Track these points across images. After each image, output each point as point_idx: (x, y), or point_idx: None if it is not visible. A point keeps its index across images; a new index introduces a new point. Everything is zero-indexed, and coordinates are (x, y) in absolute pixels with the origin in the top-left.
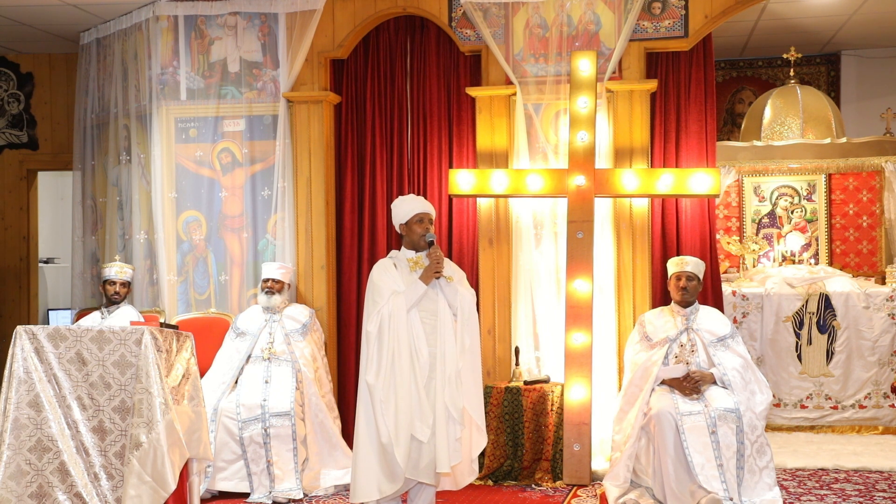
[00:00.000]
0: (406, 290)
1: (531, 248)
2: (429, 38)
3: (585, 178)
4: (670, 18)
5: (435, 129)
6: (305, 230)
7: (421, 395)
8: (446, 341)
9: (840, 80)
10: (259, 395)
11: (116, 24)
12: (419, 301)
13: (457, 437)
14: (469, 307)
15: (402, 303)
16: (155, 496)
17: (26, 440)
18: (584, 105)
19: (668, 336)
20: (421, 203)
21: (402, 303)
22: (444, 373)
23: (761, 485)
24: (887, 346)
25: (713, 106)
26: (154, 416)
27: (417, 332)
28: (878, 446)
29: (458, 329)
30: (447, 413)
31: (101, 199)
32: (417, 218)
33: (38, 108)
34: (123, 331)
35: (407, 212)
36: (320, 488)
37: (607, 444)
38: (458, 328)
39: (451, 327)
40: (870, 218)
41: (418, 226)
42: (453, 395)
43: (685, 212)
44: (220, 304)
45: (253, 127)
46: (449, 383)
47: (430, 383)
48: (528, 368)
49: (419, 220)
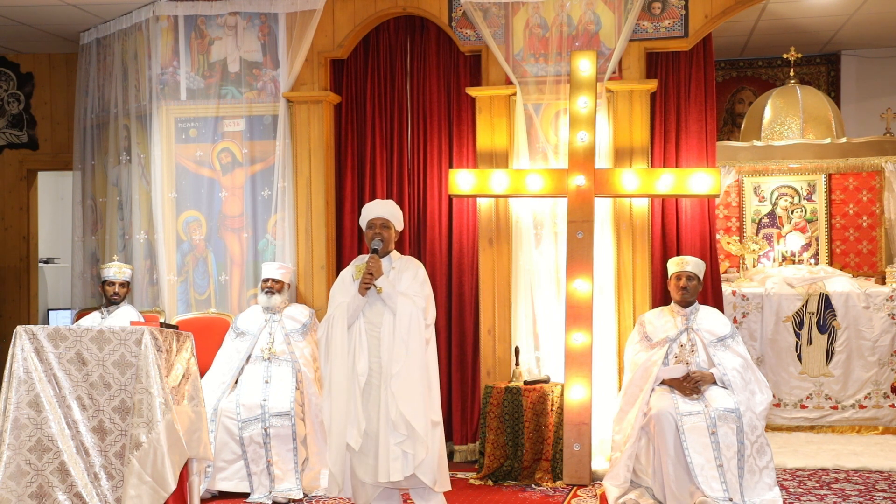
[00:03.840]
0: (349, 300)
1: (531, 248)
2: (429, 38)
3: (585, 178)
4: (670, 18)
5: (435, 129)
6: (305, 230)
7: (357, 402)
8: (386, 354)
9: (840, 80)
10: (259, 395)
11: (116, 24)
12: (358, 311)
13: (394, 444)
14: (406, 316)
15: (344, 311)
16: (155, 496)
17: (26, 440)
18: (584, 105)
19: (668, 336)
20: (375, 208)
21: (343, 311)
22: (384, 384)
23: (761, 485)
24: (887, 346)
25: (713, 106)
26: (154, 416)
27: (361, 342)
28: (878, 446)
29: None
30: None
31: (101, 199)
32: (369, 224)
33: (38, 108)
34: (123, 331)
35: (363, 218)
36: (320, 488)
37: (607, 444)
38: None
39: (391, 339)
40: (870, 218)
41: (369, 231)
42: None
43: (685, 212)
44: (220, 304)
45: (253, 127)
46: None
47: (372, 392)
48: (528, 368)
49: (370, 227)
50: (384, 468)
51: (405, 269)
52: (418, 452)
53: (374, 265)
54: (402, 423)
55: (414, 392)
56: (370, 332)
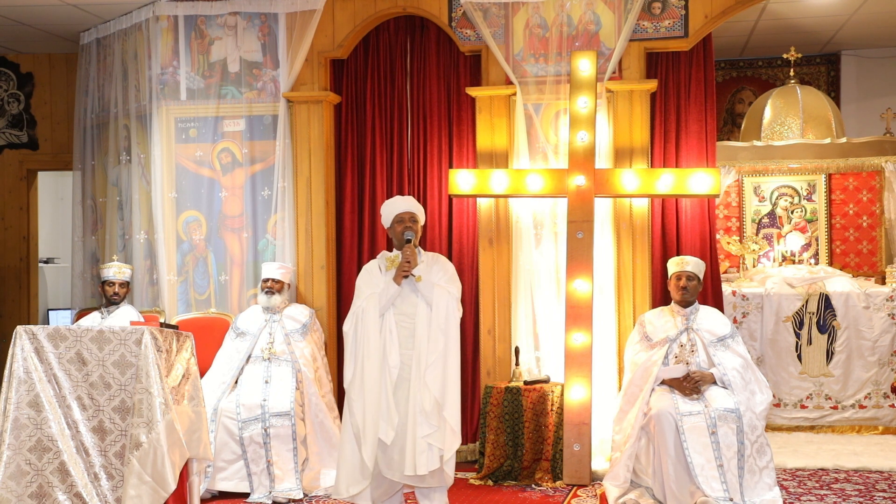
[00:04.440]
0: (381, 290)
1: (531, 248)
2: (429, 38)
3: (585, 178)
4: (670, 18)
5: (435, 129)
6: (305, 230)
7: (388, 396)
8: (422, 344)
9: (840, 80)
10: (259, 395)
11: (116, 24)
12: (391, 301)
13: (424, 436)
14: (444, 308)
15: (375, 302)
16: (155, 496)
17: (26, 440)
18: (584, 105)
19: (668, 336)
20: (404, 203)
21: (374, 303)
22: (419, 375)
23: (761, 485)
24: (887, 346)
25: (713, 106)
26: (154, 416)
27: (392, 334)
28: (878, 446)
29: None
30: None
31: (101, 199)
32: (398, 218)
33: (38, 108)
34: (123, 331)
35: (389, 213)
36: (320, 488)
37: (607, 444)
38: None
39: (427, 330)
40: (870, 218)
41: (399, 225)
42: (422, 396)
43: (685, 212)
44: (220, 304)
45: (253, 127)
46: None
47: (402, 385)
48: (528, 368)
49: (399, 221)
50: (411, 462)
51: (433, 262)
52: (448, 444)
53: (412, 254)
54: (436, 414)
55: (449, 383)
56: (402, 323)
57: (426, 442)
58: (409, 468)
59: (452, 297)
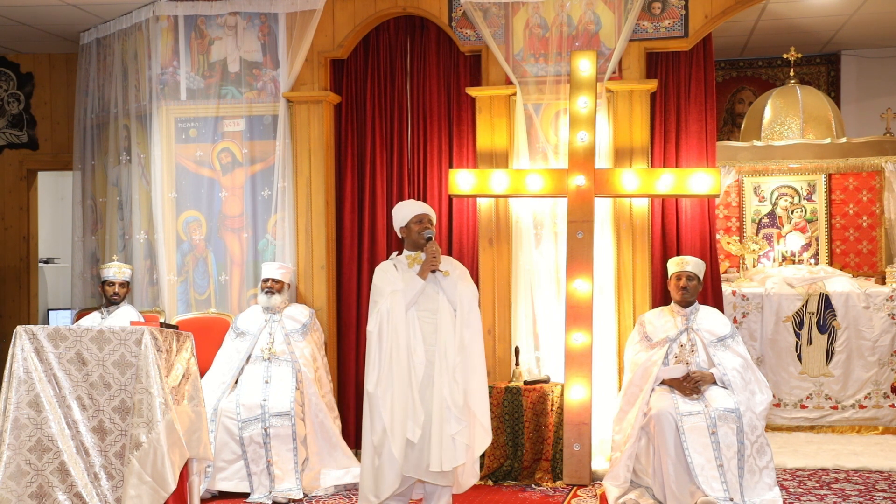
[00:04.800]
0: (404, 286)
1: (531, 248)
2: (429, 38)
3: (585, 178)
4: (670, 18)
5: (435, 129)
6: (305, 230)
7: (414, 394)
8: (447, 339)
9: (840, 80)
10: (259, 395)
11: (116, 24)
12: (417, 297)
13: (451, 434)
14: (468, 303)
15: (401, 299)
16: (155, 496)
17: (26, 440)
18: (584, 105)
19: (668, 336)
20: (420, 205)
21: (400, 299)
22: (444, 371)
23: (761, 485)
24: (887, 346)
25: (713, 106)
26: (154, 416)
27: (415, 331)
28: (878, 446)
29: (458, 325)
30: (442, 410)
31: (101, 199)
32: (417, 219)
33: (38, 108)
34: (123, 331)
35: (406, 215)
36: (320, 488)
37: (607, 444)
38: (458, 324)
39: (451, 325)
40: (870, 218)
41: (417, 225)
42: (451, 391)
43: (685, 212)
44: (220, 304)
45: (253, 127)
46: (448, 381)
47: (427, 382)
48: (528, 368)
49: (418, 221)
50: (437, 458)
51: (447, 263)
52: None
53: (437, 250)
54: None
55: (477, 376)
56: (425, 319)
57: (453, 438)
58: (434, 464)
59: (475, 294)
